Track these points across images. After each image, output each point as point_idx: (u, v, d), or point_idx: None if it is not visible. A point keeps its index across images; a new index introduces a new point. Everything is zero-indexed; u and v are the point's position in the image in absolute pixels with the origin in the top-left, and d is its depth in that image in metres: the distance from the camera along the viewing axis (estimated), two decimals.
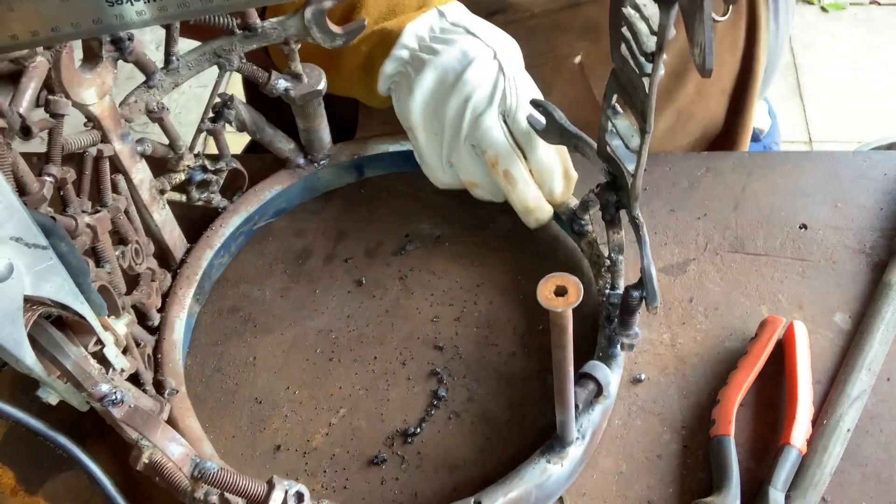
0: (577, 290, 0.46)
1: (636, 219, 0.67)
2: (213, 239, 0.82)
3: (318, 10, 0.71)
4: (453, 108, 0.75)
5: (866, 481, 0.68)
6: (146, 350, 0.72)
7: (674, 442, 0.71)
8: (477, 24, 0.77)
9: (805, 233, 0.83)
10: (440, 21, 0.77)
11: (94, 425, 0.73)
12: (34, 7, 0.45)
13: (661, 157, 0.89)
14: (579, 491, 0.69)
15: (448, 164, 0.79)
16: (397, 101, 0.79)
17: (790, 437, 0.67)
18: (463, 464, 0.71)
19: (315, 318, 0.81)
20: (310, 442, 0.73)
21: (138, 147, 0.72)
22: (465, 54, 0.74)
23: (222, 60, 0.73)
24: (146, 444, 0.57)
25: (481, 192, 0.80)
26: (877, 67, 2.45)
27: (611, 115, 0.66)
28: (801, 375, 0.70)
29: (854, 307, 0.77)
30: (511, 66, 0.76)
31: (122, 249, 0.69)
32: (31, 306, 0.47)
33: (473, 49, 0.75)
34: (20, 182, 0.55)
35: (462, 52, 0.75)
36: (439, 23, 0.77)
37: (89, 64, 0.65)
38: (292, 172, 0.86)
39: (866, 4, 2.64)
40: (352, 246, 0.85)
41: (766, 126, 1.34)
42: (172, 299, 0.77)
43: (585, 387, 0.66)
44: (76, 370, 0.52)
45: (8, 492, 0.72)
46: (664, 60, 0.53)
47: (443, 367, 0.76)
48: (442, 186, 0.82)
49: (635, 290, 0.64)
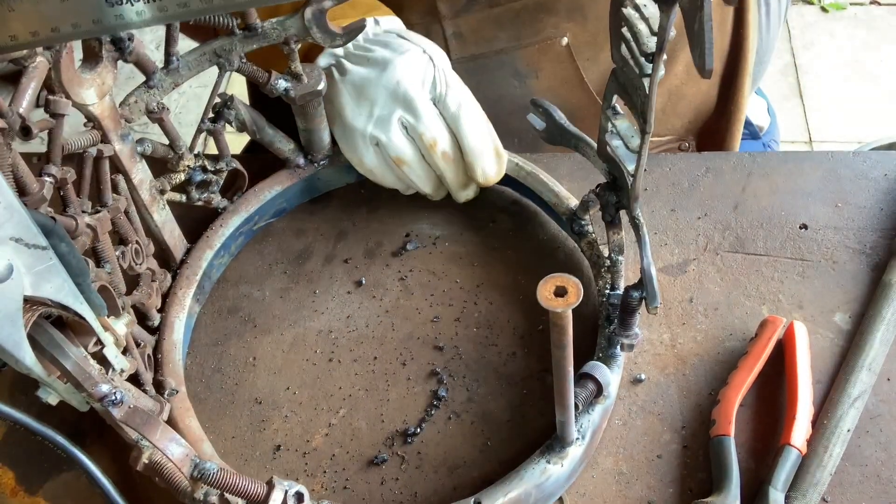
0: (577, 290, 0.46)
1: (636, 219, 0.67)
2: (213, 239, 0.82)
3: (318, 10, 0.71)
4: (386, 89, 0.78)
5: (866, 481, 0.68)
6: (146, 350, 0.72)
7: (674, 442, 0.71)
8: (409, 32, 0.83)
9: (805, 233, 0.83)
10: (375, 27, 0.83)
11: (94, 425, 0.73)
12: (34, 7, 0.45)
13: (661, 158, 0.89)
14: (579, 491, 0.69)
15: (374, 143, 0.81)
16: (329, 86, 0.81)
17: (790, 437, 0.67)
18: (463, 464, 0.71)
19: (315, 319, 0.81)
20: (310, 442, 0.73)
21: (138, 147, 0.72)
22: (398, 48, 0.79)
23: (222, 60, 0.73)
24: (146, 445, 0.57)
25: (408, 170, 0.81)
26: (877, 67, 2.45)
27: (611, 116, 0.66)
28: (801, 375, 0.70)
29: (854, 307, 0.77)
30: (440, 60, 0.80)
31: (122, 249, 0.69)
32: (31, 307, 0.47)
33: (405, 45, 0.79)
34: (20, 182, 0.55)
35: (394, 46, 0.79)
36: (374, 28, 0.83)
37: (89, 64, 0.65)
38: (292, 172, 0.86)
39: (866, 4, 2.64)
40: (352, 246, 0.85)
41: (765, 123, 1.34)
42: (172, 299, 0.77)
43: (585, 387, 0.66)
44: (76, 370, 0.52)
45: (8, 492, 0.72)
46: (664, 61, 0.53)
47: (443, 367, 0.76)
48: (362, 170, 0.84)
49: (635, 290, 0.64)
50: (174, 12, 0.47)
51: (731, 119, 1.04)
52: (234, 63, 0.74)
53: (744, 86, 1.02)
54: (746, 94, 1.03)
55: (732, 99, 1.03)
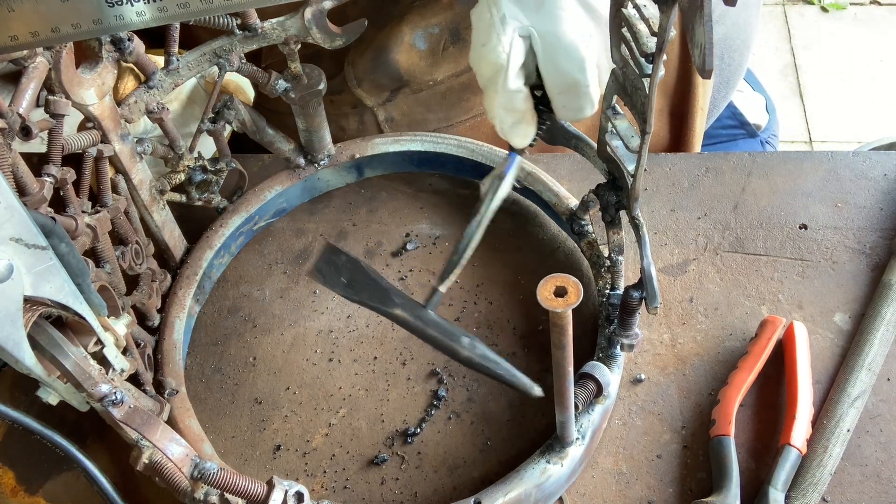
0: (577, 290, 0.46)
1: (636, 219, 0.67)
2: (213, 239, 0.82)
3: (318, 11, 0.71)
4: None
5: (866, 481, 0.68)
6: (146, 350, 0.72)
7: (674, 442, 0.71)
8: None
9: (805, 233, 0.83)
10: None
11: (94, 425, 0.73)
12: (34, 8, 0.45)
13: (661, 157, 0.89)
14: (579, 491, 0.69)
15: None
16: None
17: (790, 437, 0.67)
18: (463, 464, 0.71)
19: (315, 319, 0.81)
20: (310, 442, 0.73)
21: (138, 147, 0.72)
22: None
23: (222, 61, 0.73)
24: (146, 445, 0.57)
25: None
26: (877, 67, 2.45)
27: (611, 116, 0.66)
28: (801, 375, 0.70)
29: (854, 307, 0.77)
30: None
31: (122, 250, 0.69)
32: (31, 307, 0.47)
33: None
34: (20, 182, 0.55)
35: None
36: None
37: (89, 64, 0.65)
38: (292, 173, 0.86)
39: (866, 4, 2.64)
40: (352, 246, 0.85)
41: (762, 121, 1.33)
42: (172, 299, 0.77)
43: (585, 387, 0.66)
44: (76, 370, 0.52)
45: (8, 492, 0.72)
46: (664, 61, 0.53)
47: (443, 367, 0.76)
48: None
49: (635, 290, 0.64)
50: (174, 12, 0.47)
51: (689, 105, 1.00)
52: (234, 63, 0.74)
53: (694, 124, 1.00)
54: (698, 131, 1.01)
55: (684, 139, 1.01)
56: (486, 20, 0.61)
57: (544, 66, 0.61)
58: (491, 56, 0.61)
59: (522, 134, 0.65)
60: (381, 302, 0.61)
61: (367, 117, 0.95)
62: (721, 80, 1.06)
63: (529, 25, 0.60)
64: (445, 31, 0.89)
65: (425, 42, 0.89)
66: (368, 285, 0.62)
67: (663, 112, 1.00)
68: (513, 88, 0.61)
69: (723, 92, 1.09)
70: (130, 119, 0.70)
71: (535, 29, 0.60)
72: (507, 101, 0.62)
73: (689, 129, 1.00)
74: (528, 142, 0.66)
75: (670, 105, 1.00)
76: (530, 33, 0.60)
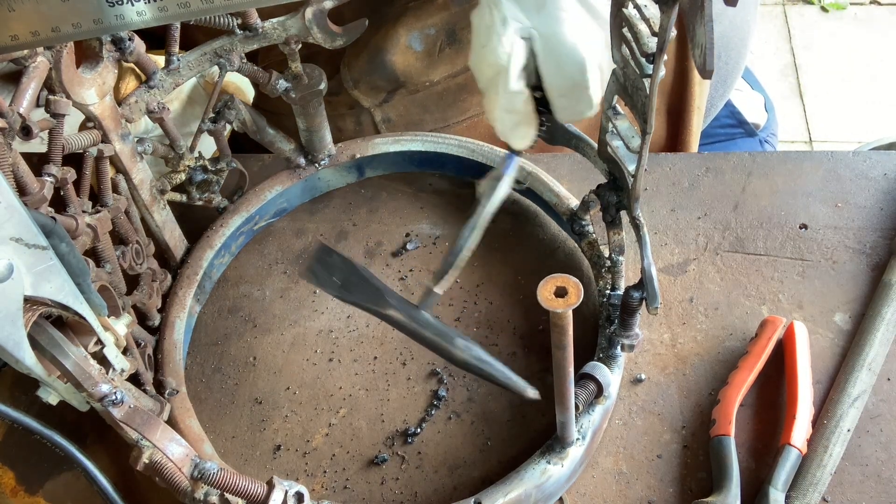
0: (578, 291, 0.46)
1: (637, 219, 0.67)
2: (213, 239, 0.82)
3: (318, 11, 0.71)
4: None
5: (866, 481, 0.68)
6: (146, 350, 0.72)
7: (674, 442, 0.71)
8: None
9: (805, 233, 0.83)
10: None
11: (94, 425, 0.73)
12: (35, 7, 0.45)
13: (662, 157, 0.89)
14: (579, 491, 0.69)
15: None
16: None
17: (790, 437, 0.67)
18: (463, 464, 0.71)
19: (315, 319, 0.81)
20: (310, 442, 0.73)
21: (139, 147, 0.72)
22: None
23: (222, 60, 0.73)
24: (146, 445, 0.57)
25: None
26: (877, 67, 2.45)
27: (611, 116, 0.66)
28: (801, 375, 0.70)
29: (854, 307, 0.77)
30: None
31: (122, 250, 0.69)
32: (32, 306, 0.47)
33: None
34: (20, 182, 0.55)
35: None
36: None
37: (90, 64, 0.65)
38: (293, 173, 0.86)
39: (866, 4, 2.64)
40: (352, 246, 0.85)
41: (761, 120, 1.33)
42: (173, 299, 0.77)
43: (586, 387, 0.66)
44: (76, 370, 0.52)
45: (8, 492, 0.72)
46: (664, 61, 0.53)
47: (443, 367, 0.76)
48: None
49: (636, 290, 0.64)
50: (174, 12, 0.47)
51: (686, 103, 1.00)
52: (234, 63, 0.74)
53: (691, 123, 1.00)
54: (695, 130, 1.01)
55: (680, 138, 1.01)
56: (487, 21, 0.61)
57: (545, 67, 0.61)
58: (492, 57, 0.61)
59: (523, 135, 0.65)
60: (374, 302, 0.61)
61: (363, 118, 0.95)
62: (718, 78, 1.06)
63: (530, 27, 0.60)
64: (441, 32, 0.89)
65: (421, 43, 0.89)
66: (362, 286, 0.62)
67: (660, 111, 1.00)
68: (514, 90, 0.61)
69: (720, 91, 1.09)
70: (131, 119, 0.70)
71: (536, 30, 0.60)
72: (508, 103, 0.62)
73: (686, 127, 1.00)
74: (528, 143, 0.66)
75: (667, 104, 1.00)
76: (531, 35, 0.60)
